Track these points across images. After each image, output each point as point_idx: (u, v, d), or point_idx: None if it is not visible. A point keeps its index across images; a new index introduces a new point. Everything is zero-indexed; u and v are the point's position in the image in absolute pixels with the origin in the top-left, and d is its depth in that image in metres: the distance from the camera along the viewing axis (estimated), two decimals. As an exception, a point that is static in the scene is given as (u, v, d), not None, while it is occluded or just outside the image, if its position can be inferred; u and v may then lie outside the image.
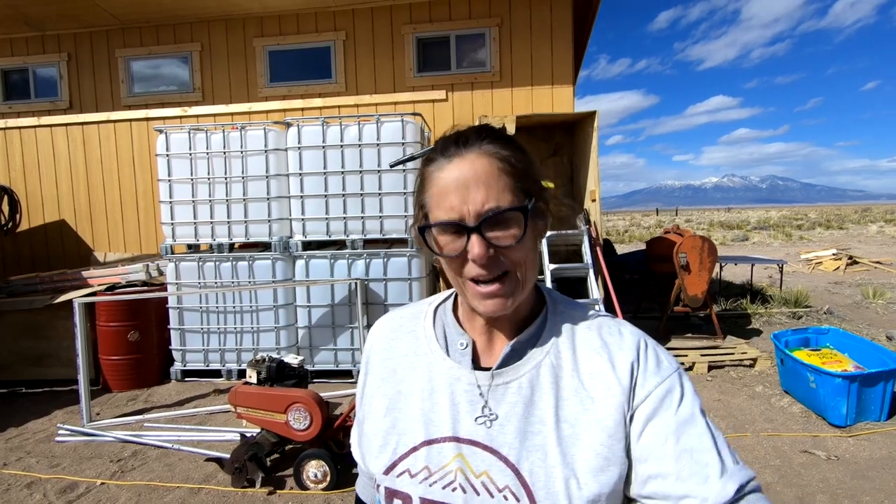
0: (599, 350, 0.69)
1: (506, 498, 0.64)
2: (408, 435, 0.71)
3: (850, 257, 11.69)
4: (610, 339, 0.70)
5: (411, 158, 0.75)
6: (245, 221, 4.86)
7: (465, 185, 0.63)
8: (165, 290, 4.95)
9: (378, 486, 0.72)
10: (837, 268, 11.12)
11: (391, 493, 0.69)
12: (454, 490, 0.66)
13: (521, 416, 0.67)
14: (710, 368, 4.81)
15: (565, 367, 0.69)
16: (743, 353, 4.91)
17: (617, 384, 0.66)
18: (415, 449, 0.69)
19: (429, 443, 0.69)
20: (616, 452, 0.64)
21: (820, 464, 3.06)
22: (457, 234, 0.64)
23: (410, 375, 0.74)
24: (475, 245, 0.62)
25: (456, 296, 0.79)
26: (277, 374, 3.22)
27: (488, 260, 0.63)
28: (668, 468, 0.61)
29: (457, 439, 0.68)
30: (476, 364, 0.72)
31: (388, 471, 0.70)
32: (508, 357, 0.70)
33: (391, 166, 0.88)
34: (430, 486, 0.67)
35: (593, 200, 5.27)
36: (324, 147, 4.69)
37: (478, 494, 0.65)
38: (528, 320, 0.73)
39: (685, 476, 0.60)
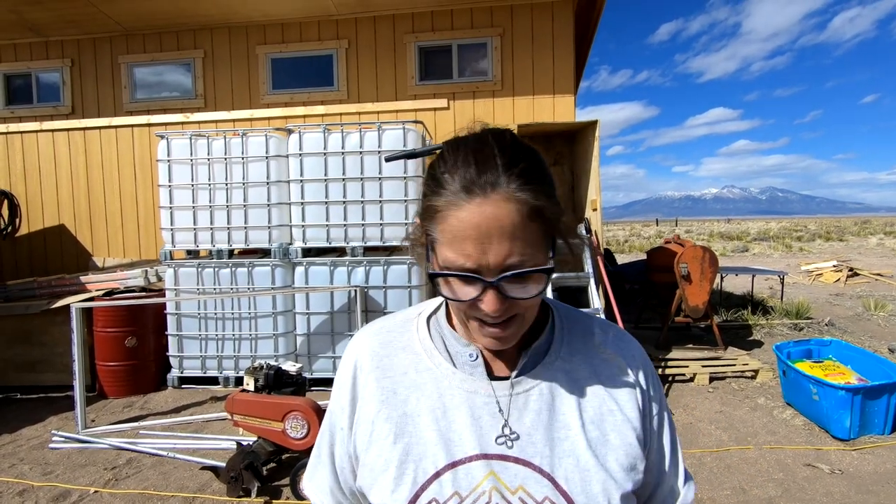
0: (615, 355, 0.72)
1: None
2: (426, 460, 0.64)
3: (851, 269, 11.67)
4: (621, 345, 0.74)
5: (412, 155, 0.68)
6: (245, 228, 4.84)
7: (488, 234, 0.55)
8: (164, 296, 4.92)
9: None
10: (838, 279, 11.10)
11: None
12: None
13: (547, 424, 0.66)
14: (712, 380, 4.77)
15: (581, 370, 0.70)
16: (744, 365, 4.87)
17: (638, 388, 0.71)
18: (438, 475, 0.63)
19: (453, 465, 0.64)
20: (642, 452, 0.68)
21: (824, 477, 3.02)
22: (469, 281, 0.58)
23: (416, 394, 0.68)
24: (492, 301, 0.58)
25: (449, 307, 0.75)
26: (275, 381, 3.18)
27: (506, 309, 0.60)
28: (663, 471, 0.73)
29: (485, 456, 0.64)
30: (489, 374, 0.69)
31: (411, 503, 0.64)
32: (526, 365, 0.69)
33: (387, 160, 0.83)
34: None
35: (594, 210, 5.26)
36: (325, 154, 4.69)
37: None
38: (535, 328, 0.71)
39: (671, 479, 0.74)
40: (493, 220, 0.55)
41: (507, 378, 0.68)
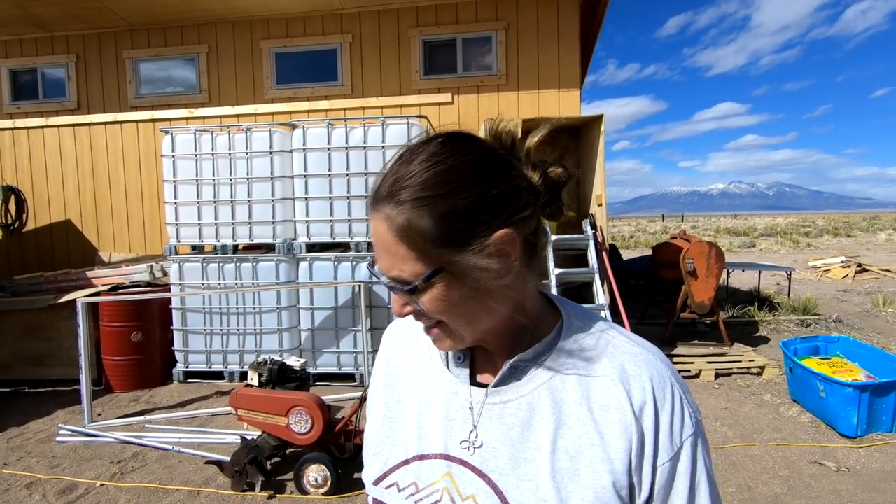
0: (617, 381, 0.61)
1: None
2: (400, 447, 0.68)
3: (859, 265, 11.56)
4: (632, 371, 0.62)
5: None
6: (249, 223, 4.85)
7: (376, 246, 0.60)
8: (169, 290, 4.94)
9: (367, 495, 0.71)
10: (846, 275, 11.00)
11: None
12: None
13: (517, 441, 0.61)
14: (717, 376, 4.74)
15: (572, 392, 0.62)
16: (750, 361, 4.84)
17: (634, 425, 0.59)
18: (406, 462, 0.67)
19: (420, 458, 0.66)
20: (620, 498, 0.58)
21: (830, 475, 2.99)
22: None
23: (411, 386, 0.72)
24: (393, 301, 0.64)
25: None
26: (279, 376, 3.19)
27: (407, 315, 0.63)
28: None
29: (447, 457, 0.64)
30: (475, 380, 0.68)
31: (377, 481, 0.68)
32: (507, 375, 0.64)
33: None
34: (416, 502, 0.64)
35: (599, 205, 5.23)
36: (329, 149, 4.68)
37: None
38: (534, 336, 0.66)
39: None
40: (375, 234, 0.59)
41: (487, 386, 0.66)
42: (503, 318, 0.63)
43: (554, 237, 4.76)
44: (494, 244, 0.57)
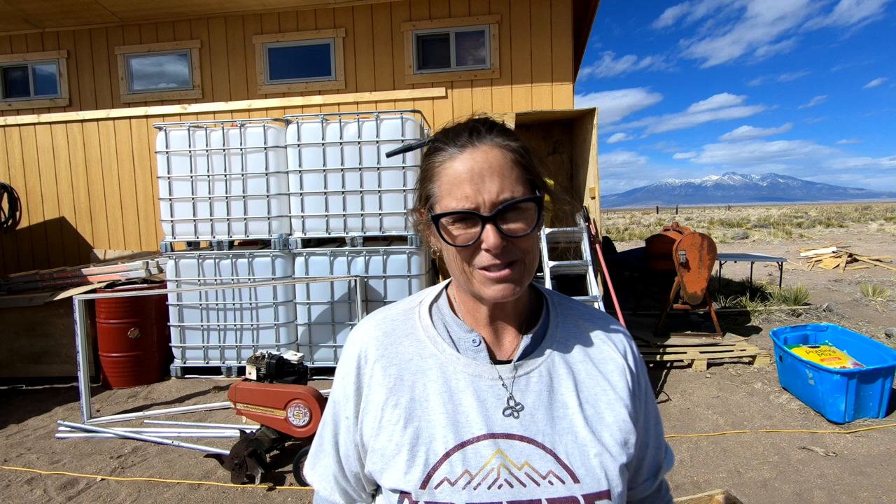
0: (605, 338, 0.78)
1: (551, 483, 0.66)
2: (436, 442, 0.67)
3: (850, 255, 11.68)
4: (609, 329, 0.80)
5: (409, 148, 0.77)
6: (245, 219, 4.86)
7: (481, 175, 0.64)
8: (165, 287, 4.95)
9: (415, 503, 0.67)
10: (837, 265, 11.12)
11: None
12: (500, 487, 0.65)
13: (547, 403, 0.71)
14: (709, 365, 4.81)
15: (576, 354, 0.75)
16: (742, 351, 4.91)
17: (626, 369, 0.76)
18: (448, 455, 0.67)
19: (462, 445, 0.67)
20: (633, 427, 0.73)
21: (818, 460, 3.07)
22: (469, 224, 0.66)
23: (422, 380, 0.71)
24: (490, 235, 0.64)
25: (448, 294, 0.79)
26: (277, 370, 3.22)
27: (501, 249, 0.65)
28: (648, 445, 0.79)
29: (493, 436, 0.68)
30: (491, 359, 0.73)
31: (424, 485, 0.66)
32: (526, 349, 0.73)
33: (388, 156, 0.88)
34: (475, 489, 0.65)
35: (592, 198, 5.27)
36: (323, 144, 4.69)
37: (524, 486, 0.65)
38: (532, 314, 0.78)
39: (656, 452, 0.81)
40: (484, 162, 0.65)
41: (508, 362, 0.73)
42: (529, 285, 0.74)
43: (547, 230, 4.80)
44: (545, 203, 0.70)
